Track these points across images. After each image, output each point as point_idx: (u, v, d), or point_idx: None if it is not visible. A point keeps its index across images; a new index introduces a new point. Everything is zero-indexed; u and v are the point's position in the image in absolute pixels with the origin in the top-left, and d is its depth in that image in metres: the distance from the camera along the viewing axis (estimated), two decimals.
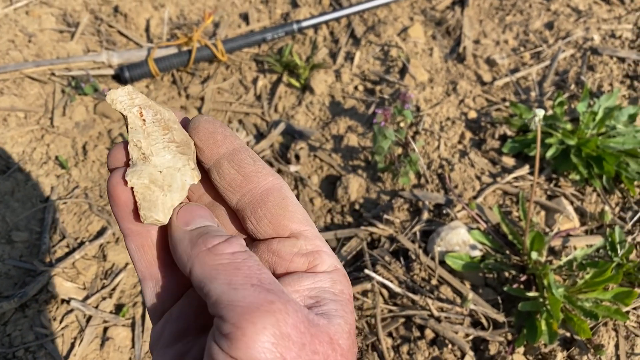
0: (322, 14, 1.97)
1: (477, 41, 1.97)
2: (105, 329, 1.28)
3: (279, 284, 0.36)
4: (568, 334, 1.23)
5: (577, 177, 1.48)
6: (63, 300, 1.31)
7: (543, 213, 1.44)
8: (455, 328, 1.22)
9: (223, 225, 0.45)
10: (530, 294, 1.22)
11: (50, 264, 1.36)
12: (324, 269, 0.40)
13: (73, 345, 1.25)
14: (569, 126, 1.55)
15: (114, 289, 1.34)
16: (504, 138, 1.62)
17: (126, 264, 1.38)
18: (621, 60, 1.82)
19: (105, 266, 1.37)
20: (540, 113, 1.09)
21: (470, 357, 1.20)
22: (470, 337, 1.23)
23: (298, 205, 0.42)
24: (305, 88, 1.83)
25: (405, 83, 1.79)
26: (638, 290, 1.27)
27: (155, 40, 1.96)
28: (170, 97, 1.78)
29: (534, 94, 1.76)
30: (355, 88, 1.82)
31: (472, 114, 1.70)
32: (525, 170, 1.52)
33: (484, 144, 1.61)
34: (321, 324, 0.36)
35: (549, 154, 1.50)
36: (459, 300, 1.27)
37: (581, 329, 1.17)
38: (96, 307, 1.30)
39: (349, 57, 1.92)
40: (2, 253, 1.36)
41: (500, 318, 1.23)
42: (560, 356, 1.19)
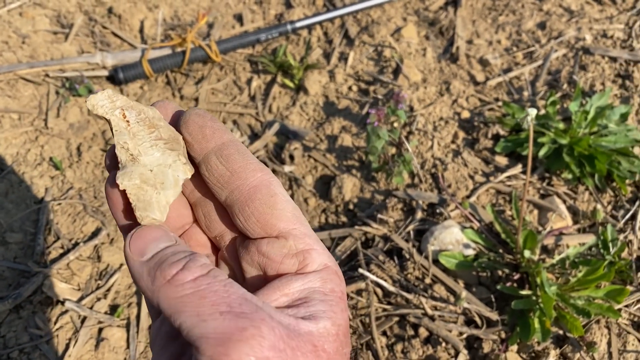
0: (316, 15, 1.98)
1: (470, 41, 1.98)
2: (100, 330, 1.28)
3: (251, 301, 0.34)
4: (561, 332, 1.24)
5: (570, 176, 1.49)
6: (58, 301, 1.31)
7: (536, 212, 1.45)
8: (449, 326, 1.23)
9: (212, 222, 0.44)
10: (523, 292, 1.22)
11: (45, 265, 1.36)
12: (314, 268, 0.39)
13: (68, 346, 1.25)
14: (562, 125, 1.56)
15: (109, 290, 1.34)
16: (496, 137, 1.63)
17: (121, 265, 1.38)
18: (613, 59, 1.83)
19: (99, 267, 1.37)
20: (532, 112, 1.10)
21: (464, 356, 1.20)
22: (464, 336, 1.24)
23: (288, 202, 0.41)
24: (300, 88, 1.83)
25: (399, 83, 1.79)
26: (630, 288, 1.28)
27: (150, 41, 1.96)
28: (165, 98, 1.78)
29: (526, 94, 1.77)
30: (349, 88, 1.83)
31: (465, 114, 1.71)
32: (518, 169, 1.53)
33: (477, 143, 1.62)
34: (304, 331, 0.35)
35: (542, 153, 1.51)
36: (452, 299, 1.28)
37: (574, 326, 1.17)
38: (91, 308, 1.30)
39: (343, 58, 1.92)
40: None
41: (494, 316, 1.24)
42: (553, 354, 1.19)
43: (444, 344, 1.22)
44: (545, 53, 1.90)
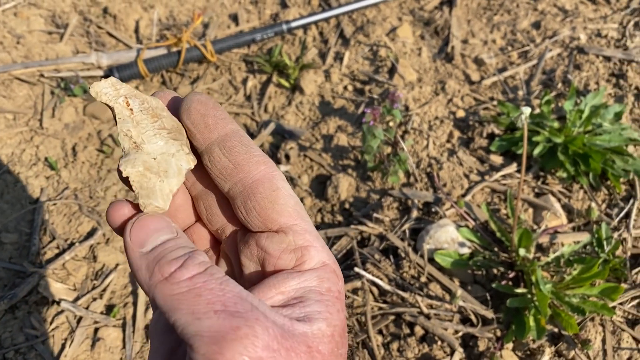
0: (311, 15, 1.98)
1: (465, 41, 1.98)
2: (96, 330, 1.28)
3: (246, 300, 0.34)
4: (556, 330, 1.24)
5: (564, 175, 1.50)
6: (53, 302, 1.31)
7: (531, 210, 1.46)
8: (445, 325, 1.24)
9: (213, 215, 0.44)
10: (519, 290, 1.23)
11: (40, 266, 1.36)
12: (312, 265, 0.39)
13: (64, 346, 1.25)
14: (556, 124, 1.56)
15: (105, 290, 1.34)
16: (492, 137, 1.63)
17: (117, 265, 1.38)
18: (607, 59, 1.84)
19: (95, 267, 1.37)
20: (526, 111, 1.10)
21: (459, 354, 1.21)
22: (460, 334, 1.24)
23: (290, 197, 0.40)
24: (295, 88, 1.83)
25: (394, 83, 1.80)
26: (624, 286, 1.28)
27: (145, 42, 1.96)
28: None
29: (521, 93, 1.77)
30: (345, 88, 1.83)
31: (461, 113, 1.72)
32: (513, 168, 1.54)
33: (472, 142, 1.62)
34: (298, 332, 0.35)
35: (537, 151, 1.51)
36: (448, 297, 1.28)
37: (569, 324, 1.18)
38: (87, 308, 1.30)
39: (338, 57, 1.93)
40: None
41: (489, 314, 1.24)
42: (548, 351, 1.20)
43: (439, 343, 1.22)
44: (540, 52, 1.90)
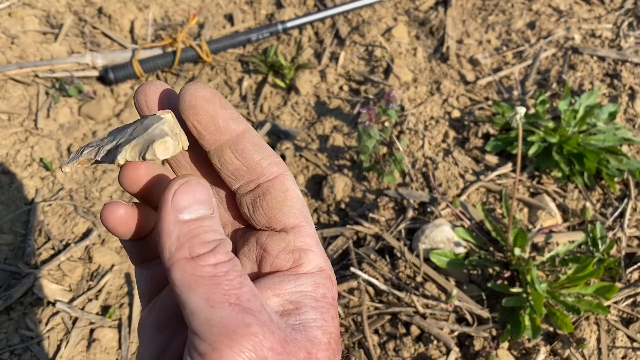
0: (307, 15, 1.98)
1: (460, 41, 1.99)
2: (91, 331, 1.27)
3: (258, 299, 0.35)
4: (551, 329, 1.25)
5: (559, 174, 1.50)
6: (49, 303, 1.31)
7: (526, 210, 1.46)
8: (441, 324, 1.24)
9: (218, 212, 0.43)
10: (514, 289, 1.23)
11: (36, 267, 1.35)
12: (308, 269, 0.39)
13: (59, 347, 1.25)
14: (551, 124, 1.57)
15: (100, 291, 1.33)
16: (487, 136, 1.64)
17: (112, 266, 1.37)
18: (601, 59, 1.85)
19: (91, 268, 1.37)
20: (521, 111, 1.11)
21: (455, 353, 1.21)
22: (455, 333, 1.24)
23: (298, 199, 0.40)
24: (291, 88, 1.84)
25: (390, 83, 1.80)
26: (619, 285, 1.29)
27: (140, 42, 1.96)
28: None
29: (516, 93, 1.78)
30: (340, 88, 1.83)
31: (456, 113, 1.72)
32: (508, 168, 1.54)
33: (467, 142, 1.62)
34: (299, 338, 0.36)
35: (532, 151, 1.52)
36: (443, 297, 1.28)
37: (564, 323, 1.18)
38: (82, 309, 1.29)
39: (334, 58, 1.93)
40: None
41: (485, 314, 1.25)
42: (543, 350, 1.20)
43: (435, 342, 1.22)
44: (534, 52, 1.91)
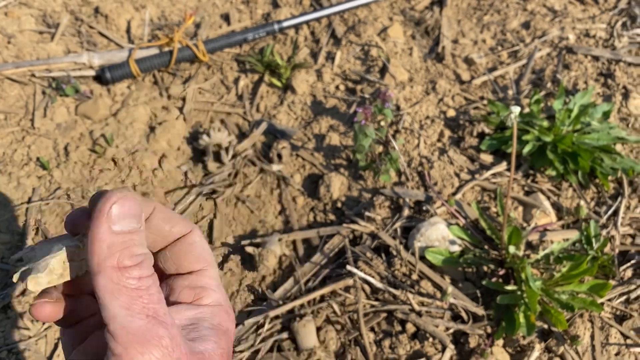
0: (303, 14, 1.99)
1: (456, 41, 2.00)
2: None
3: (170, 315, 0.39)
4: (545, 326, 1.26)
5: (554, 173, 1.52)
6: None
7: (520, 208, 1.48)
8: (436, 322, 1.25)
9: None
10: (509, 287, 1.24)
11: None
12: (208, 302, 0.45)
13: (56, 346, 1.25)
14: (545, 123, 1.58)
15: None
16: (482, 136, 1.65)
17: None
18: (595, 58, 1.87)
19: None
20: (516, 110, 1.12)
21: (450, 350, 1.22)
22: (451, 331, 1.25)
23: (202, 249, 0.46)
24: (287, 88, 1.84)
25: (386, 82, 1.81)
26: (612, 283, 1.30)
27: (137, 41, 1.96)
28: (152, 98, 1.78)
29: (511, 92, 1.79)
30: (337, 87, 1.84)
31: (451, 113, 1.73)
32: (502, 166, 1.55)
33: (462, 141, 1.64)
34: (197, 350, 0.41)
35: (526, 150, 1.53)
36: (439, 295, 1.29)
37: (558, 320, 1.19)
38: None
39: (330, 57, 1.94)
40: None
41: (480, 311, 1.26)
42: (538, 347, 1.22)
43: (431, 339, 1.23)
44: (529, 52, 1.92)
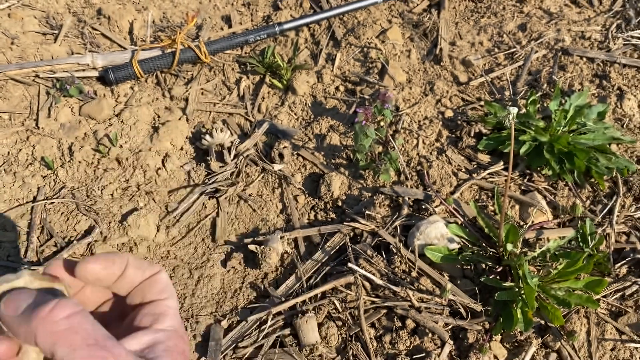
0: (303, 17, 2.01)
1: (453, 43, 2.02)
2: None
3: (111, 338, 0.44)
4: (542, 322, 1.28)
5: (550, 172, 1.54)
6: None
7: (517, 207, 1.50)
8: (435, 318, 1.27)
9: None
10: (506, 284, 1.26)
11: (38, 263, 1.37)
12: (164, 327, 0.50)
13: None
14: (542, 124, 1.61)
15: None
16: (479, 136, 1.67)
17: None
18: (591, 60, 1.89)
19: None
20: (513, 111, 1.15)
21: (449, 346, 1.24)
22: (450, 327, 1.27)
23: (168, 284, 0.53)
24: (288, 89, 1.87)
25: (385, 84, 1.83)
26: (608, 279, 1.32)
27: (139, 43, 1.98)
28: (155, 98, 1.80)
29: (508, 93, 1.82)
30: (337, 88, 1.87)
31: (449, 113, 1.76)
32: (500, 166, 1.58)
33: (460, 141, 1.66)
34: None
35: (523, 150, 1.56)
36: (438, 291, 1.32)
37: (555, 316, 1.21)
38: None
39: (330, 59, 1.96)
40: None
41: (478, 308, 1.28)
42: (535, 343, 1.24)
43: (430, 335, 1.26)
44: (525, 54, 1.95)
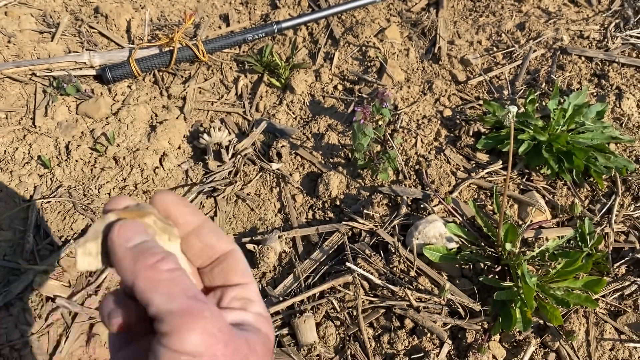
0: (301, 15, 2.01)
1: (452, 42, 2.02)
2: (91, 326, 1.29)
3: (207, 298, 0.44)
4: (541, 322, 1.28)
5: (549, 172, 1.54)
6: (48, 298, 1.32)
7: (516, 206, 1.50)
8: (434, 317, 1.27)
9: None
10: (505, 283, 1.26)
11: (35, 263, 1.37)
12: (253, 311, 0.49)
13: (59, 343, 1.26)
14: (540, 123, 1.61)
15: (99, 286, 1.35)
16: (478, 135, 1.67)
17: None
18: (589, 59, 1.89)
19: None
20: (513, 110, 1.14)
21: (448, 345, 1.24)
22: (448, 326, 1.27)
23: (245, 265, 0.52)
24: (286, 87, 1.86)
25: (383, 82, 1.83)
26: (607, 279, 1.32)
27: (137, 41, 1.98)
28: (152, 97, 1.79)
29: (506, 92, 1.82)
30: (335, 87, 1.86)
31: (448, 112, 1.76)
32: (498, 165, 1.58)
33: (459, 140, 1.66)
34: (241, 332, 0.46)
35: (522, 149, 1.55)
36: (436, 291, 1.31)
37: (553, 316, 1.21)
38: (82, 304, 1.31)
39: (328, 58, 1.95)
40: None
41: (477, 307, 1.28)
42: (534, 342, 1.23)
43: (428, 335, 1.25)
44: (524, 53, 1.95)
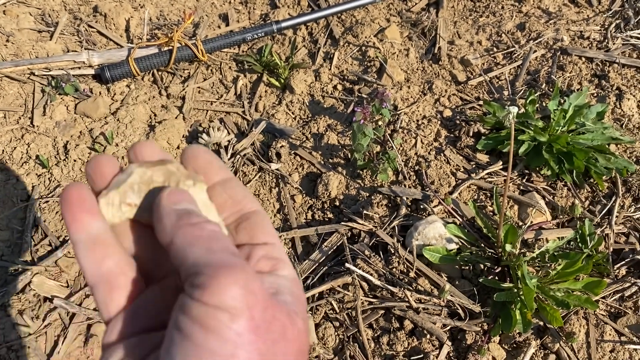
0: (301, 15, 2.00)
1: (452, 42, 2.02)
2: (88, 326, 1.29)
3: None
4: (541, 323, 1.27)
5: (549, 173, 1.54)
6: (46, 299, 1.32)
7: (516, 207, 1.49)
8: (433, 319, 1.26)
9: None
10: (505, 284, 1.26)
11: (33, 263, 1.36)
12: (284, 274, 0.45)
13: (57, 343, 1.26)
14: (541, 123, 1.60)
15: None
16: (478, 135, 1.66)
17: None
18: (589, 60, 1.89)
19: None
20: (513, 110, 1.14)
21: (447, 347, 1.23)
22: (448, 328, 1.27)
23: (272, 227, 0.49)
24: (285, 87, 1.86)
25: (383, 83, 1.82)
26: (607, 280, 1.32)
27: (136, 41, 1.97)
28: (151, 97, 1.79)
29: (506, 93, 1.81)
30: (334, 87, 1.86)
31: (448, 113, 1.75)
32: (498, 166, 1.57)
33: (459, 141, 1.65)
34: (282, 300, 0.41)
35: (522, 150, 1.55)
36: (436, 292, 1.31)
37: (554, 317, 1.20)
38: (79, 305, 1.31)
39: (328, 57, 1.95)
40: None
41: (476, 308, 1.27)
42: (534, 344, 1.23)
43: (428, 336, 1.25)
44: (524, 53, 1.94)
